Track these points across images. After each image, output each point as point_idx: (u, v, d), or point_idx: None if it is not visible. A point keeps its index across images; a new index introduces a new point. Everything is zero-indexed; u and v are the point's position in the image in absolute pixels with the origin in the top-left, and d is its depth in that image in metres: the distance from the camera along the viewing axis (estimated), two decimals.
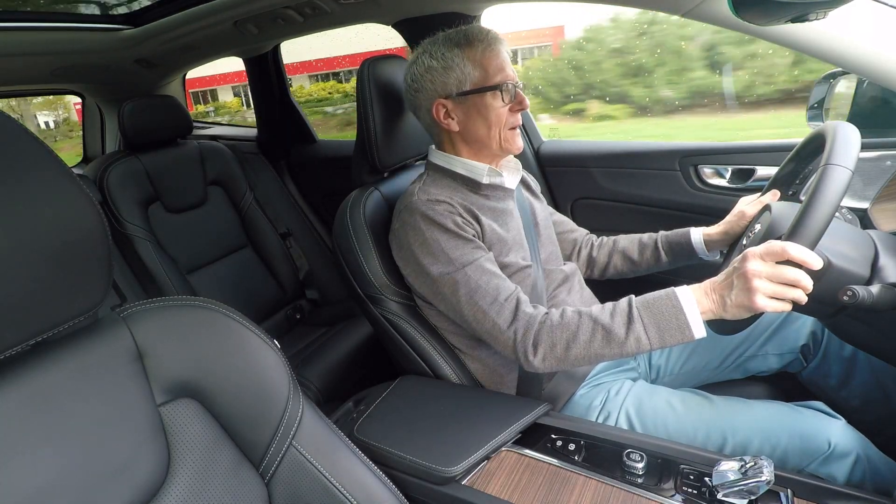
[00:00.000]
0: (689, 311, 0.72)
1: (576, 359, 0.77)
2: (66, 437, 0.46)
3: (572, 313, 0.79)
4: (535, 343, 0.79)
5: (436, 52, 0.90)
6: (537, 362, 0.79)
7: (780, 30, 0.83)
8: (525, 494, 0.69)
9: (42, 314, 0.45)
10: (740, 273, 0.68)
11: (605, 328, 0.76)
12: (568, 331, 0.77)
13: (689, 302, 0.73)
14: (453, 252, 0.85)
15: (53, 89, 1.99)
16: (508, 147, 0.93)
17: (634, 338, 0.74)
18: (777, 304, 0.66)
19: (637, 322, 0.74)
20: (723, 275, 0.72)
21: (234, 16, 1.42)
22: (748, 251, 0.68)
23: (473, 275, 0.84)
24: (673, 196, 1.40)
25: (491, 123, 0.91)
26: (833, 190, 0.64)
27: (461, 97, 0.90)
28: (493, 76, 0.89)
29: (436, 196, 0.89)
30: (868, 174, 1.11)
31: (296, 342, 1.66)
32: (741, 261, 0.69)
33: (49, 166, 0.44)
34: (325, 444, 0.62)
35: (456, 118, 0.92)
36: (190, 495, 0.52)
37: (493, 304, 0.82)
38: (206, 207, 1.73)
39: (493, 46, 0.90)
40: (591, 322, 0.77)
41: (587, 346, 0.76)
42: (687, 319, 0.72)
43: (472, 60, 0.89)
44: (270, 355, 0.61)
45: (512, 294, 0.83)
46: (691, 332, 0.72)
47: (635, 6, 1.06)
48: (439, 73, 0.90)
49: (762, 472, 0.59)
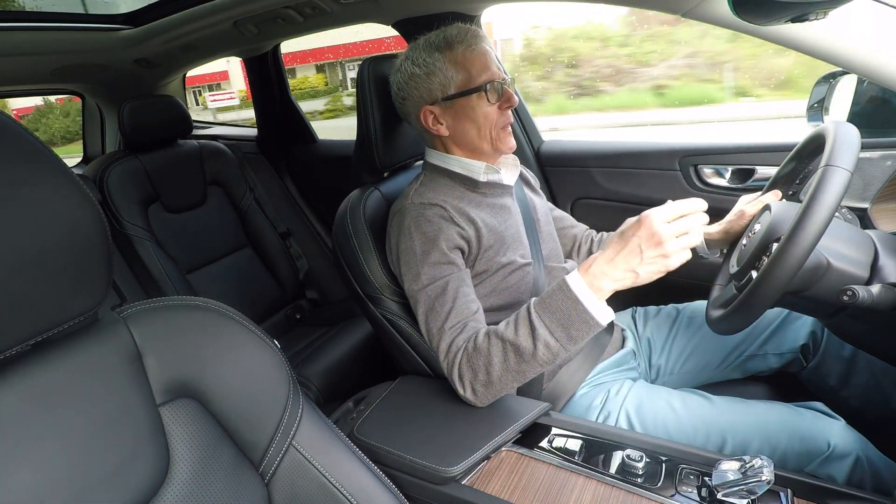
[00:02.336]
0: (586, 299, 0.70)
1: (502, 382, 0.77)
2: (65, 437, 0.46)
3: (483, 337, 0.78)
4: (461, 376, 0.79)
5: (417, 59, 0.90)
6: (468, 395, 0.79)
7: (779, 30, 0.83)
8: (525, 494, 0.69)
9: (42, 314, 0.45)
10: (649, 241, 0.67)
11: (513, 345, 0.74)
12: (482, 357, 0.77)
13: (582, 290, 0.71)
14: (423, 268, 0.84)
15: (53, 89, 1.99)
16: (500, 146, 0.93)
17: (543, 345, 0.72)
18: (685, 255, 0.68)
19: (539, 328, 0.73)
20: (617, 249, 0.70)
21: (234, 16, 1.42)
22: (644, 218, 0.68)
23: (433, 294, 0.83)
24: (673, 196, 1.39)
25: (480, 125, 0.90)
26: (833, 191, 0.64)
27: (447, 101, 0.89)
28: (476, 77, 0.88)
29: (430, 199, 0.89)
30: (868, 174, 1.12)
31: (296, 342, 1.66)
32: (643, 229, 0.67)
33: (49, 166, 0.44)
34: (325, 443, 0.62)
35: (445, 123, 0.92)
36: (189, 495, 0.52)
37: (439, 329, 0.82)
38: (206, 207, 1.73)
39: (473, 46, 0.89)
40: (499, 342, 0.76)
41: (504, 367, 0.75)
42: (586, 308, 0.70)
43: (454, 63, 0.88)
44: (270, 355, 0.61)
45: (459, 322, 0.81)
46: (595, 320, 0.71)
47: (635, 6, 1.06)
48: (423, 80, 0.89)
49: (762, 472, 0.59)
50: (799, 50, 0.86)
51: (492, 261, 0.90)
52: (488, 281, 0.91)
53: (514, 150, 0.95)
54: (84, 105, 2.13)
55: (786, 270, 0.65)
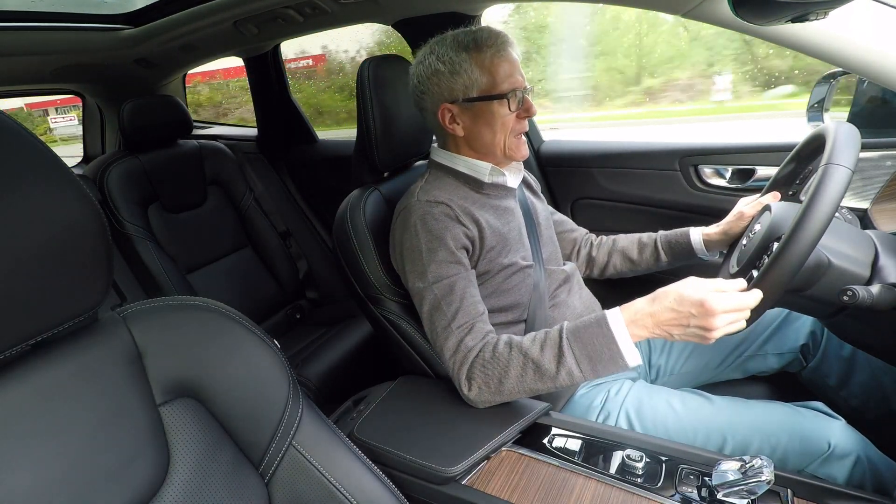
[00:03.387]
0: (622, 340, 0.71)
1: (511, 393, 0.77)
2: (65, 437, 0.46)
3: (504, 346, 0.78)
4: (469, 377, 0.79)
5: (443, 55, 0.88)
6: (473, 396, 0.79)
7: (780, 30, 0.83)
8: (525, 494, 0.69)
9: (42, 314, 0.45)
10: (701, 319, 0.66)
11: (535, 363, 0.75)
12: (499, 366, 0.77)
13: (620, 331, 0.71)
14: (430, 265, 0.84)
15: (53, 89, 1.99)
16: (512, 155, 0.92)
17: (566, 372, 0.73)
18: (728, 328, 0.67)
19: (568, 355, 0.73)
20: (665, 309, 0.69)
21: (234, 16, 1.42)
22: (707, 302, 0.66)
23: (439, 293, 0.83)
24: (673, 196, 1.40)
25: (496, 131, 0.90)
26: (833, 190, 0.64)
27: (467, 103, 0.89)
28: (501, 83, 0.87)
29: (436, 197, 0.89)
30: (868, 174, 1.12)
31: (296, 342, 1.66)
32: (702, 308, 0.66)
33: (49, 166, 0.44)
34: (325, 443, 0.62)
35: (461, 123, 0.91)
36: (190, 495, 0.52)
37: (445, 328, 0.81)
38: (206, 207, 1.73)
39: (502, 52, 0.87)
40: (521, 357, 0.76)
41: (519, 381, 0.76)
42: (620, 349, 0.70)
43: (481, 66, 0.87)
44: (270, 355, 0.61)
45: (467, 322, 0.81)
46: (625, 361, 0.71)
47: (635, 6, 1.06)
48: (446, 78, 0.88)
49: (762, 472, 0.59)
50: (799, 50, 0.86)
51: (494, 262, 0.90)
52: (490, 282, 0.91)
53: (525, 158, 0.94)
54: (84, 105, 2.13)
55: (787, 269, 0.65)
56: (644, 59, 5.20)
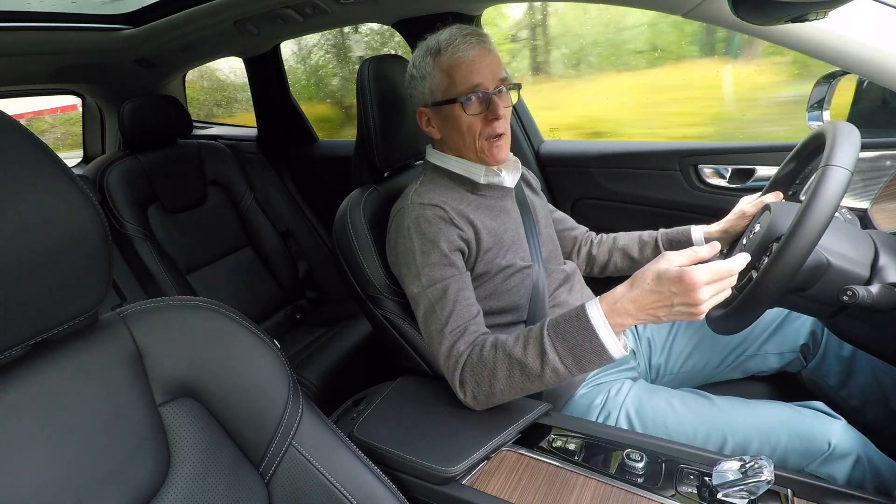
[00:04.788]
0: (602, 332, 0.69)
1: (504, 394, 0.76)
2: (66, 437, 0.46)
3: (489, 348, 0.77)
4: (462, 382, 0.79)
5: (415, 59, 0.90)
6: (469, 400, 0.79)
7: (780, 30, 0.83)
8: (525, 494, 0.69)
9: (42, 314, 0.45)
10: (684, 296, 0.63)
11: (519, 363, 0.73)
12: (487, 369, 0.76)
13: (600, 323, 0.69)
14: (424, 269, 0.84)
15: (53, 89, 1.99)
16: (485, 158, 0.91)
17: (551, 369, 0.71)
18: (715, 299, 0.64)
19: (550, 352, 0.71)
20: (646, 292, 0.66)
21: (234, 16, 1.42)
22: (686, 276, 0.62)
23: (433, 297, 0.82)
24: (673, 196, 1.40)
25: (464, 134, 0.89)
26: (833, 191, 0.64)
27: (436, 107, 0.90)
28: (458, 85, 0.86)
29: (429, 199, 0.88)
30: (868, 174, 1.11)
31: (296, 342, 1.66)
32: (682, 284, 0.62)
33: (49, 166, 0.44)
34: (325, 444, 0.62)
35: (436, 126, 0.92)
36: (190, 495, 0.52)
37: (439, 333, 0.81)
38: (206, 207, 1.73)
39: (458, 53, 0.85)
40: (506, 357, 0.75)
41: (509, 382, 0.75)
42: (602, 342, 0.68)
43: (441, 69, 0.87)
44: (270, 355, 0.61)
45: (459, 326, 0.80)
46: (608, 354, 0.69)
47: (635, 6, 1.06)
48: (418, 83, 0.90)
49: (762, 472, 0.59)
50: (799, 50, 0.86)
51: (491, 263, 0.90)
52: (488, 283, 0.91)
53: (503, 162, 0.93)
54: (84, 105, 2.13)
55: (786, 269, 0.65)
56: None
